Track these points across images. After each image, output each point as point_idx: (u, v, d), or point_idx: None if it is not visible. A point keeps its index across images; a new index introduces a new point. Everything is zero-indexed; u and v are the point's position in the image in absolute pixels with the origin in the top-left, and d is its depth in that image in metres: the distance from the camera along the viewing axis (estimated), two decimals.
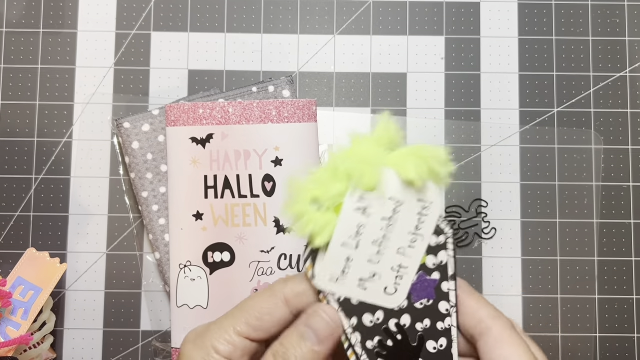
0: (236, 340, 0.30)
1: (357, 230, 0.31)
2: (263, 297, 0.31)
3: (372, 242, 0.31)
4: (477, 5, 0.52)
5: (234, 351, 0.30)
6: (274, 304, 0.31)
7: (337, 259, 0.31)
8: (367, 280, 0.32)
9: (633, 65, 0.52)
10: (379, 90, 0.51)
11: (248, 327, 0.30)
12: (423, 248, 0.32)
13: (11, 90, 0.51)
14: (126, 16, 0.52)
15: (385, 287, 0.32)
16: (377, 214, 0.31)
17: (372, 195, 0.30)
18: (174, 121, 0.48)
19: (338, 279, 0.31)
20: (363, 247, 0.31)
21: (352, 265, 0.31)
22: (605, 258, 0.50)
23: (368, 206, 0.31)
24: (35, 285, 0.45)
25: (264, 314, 0.31)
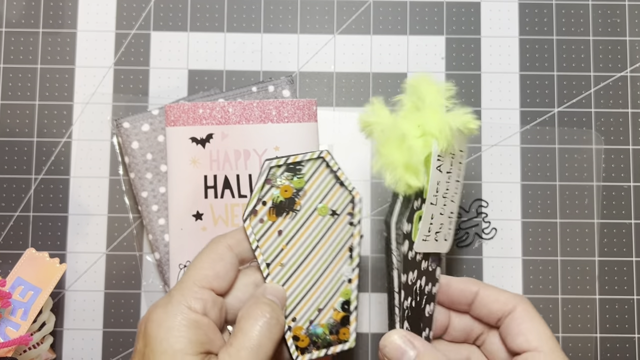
0: (204, 293, 0.32)
1: (437, 187, 0.34)
2: (209, 250, 0.34)
3: (442, 196, 0.35)
4: (477, 5, 0.52)
5: (206, 303, 0.32)
6: (221, 251, 0.34)
7: (426, 220, 0.34)
8: (440, 232, 0.35)
9: (633, 65, 0.51)
10: (379, 90, 0.51)
11: (208, 279, 0.33)
12: (460, 194, 0.36)
13: (11, 90, 0.51)
14: (126, 16, 0.52)
15: (445, 236, 0.36)
16: (445, 169, 0.35)
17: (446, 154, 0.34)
18: (174, 121, 0.47)
19: (425, 239, 0.34)
20: (439, 202, 0.35)
21: (434, 223, 0.35)
22: (605, 258, 0.50)
23: (442, 163, 0.34)
24: (35, 285, 0.45)
25: (216, 260, 0.34)
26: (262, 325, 0.32)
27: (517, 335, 0.33)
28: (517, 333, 0.33)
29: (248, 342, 0.31)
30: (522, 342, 0.33)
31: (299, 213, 0.37)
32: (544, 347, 0.32)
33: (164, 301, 0.32)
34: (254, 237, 0.36)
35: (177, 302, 0.32)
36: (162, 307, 0.32)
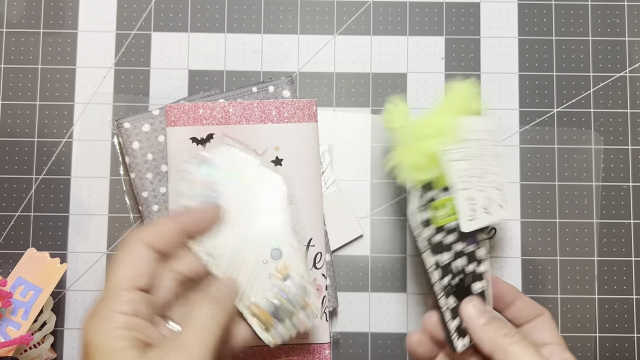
0: (130, 295, 0.33)
1: (465, 174, 0.39)
2: (127, 251, 0.34)
3: (478, 177, 0.39)
4: (477, 5, 0.52)
5: (134, 304, 0.32)
6: (139, 251, 0.34)
7: (466, 203, 0.39)
8: (488, 206, 0.40)
9: (633, 65, 0.52)
10: (379, 90, 0.51)
11: (131, 280, 0.33)
12: (503, 166, 0.41)
13: (11, 90, 0.51)
14: (126, 16, 0.52)
15: (499, 204, 0.40)
16: (471, 154, 0.39)
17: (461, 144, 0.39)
18: (174, 121, 0.48)
19: (473, 218, 0.39)
20: (474, 184, 0.39)
21: (476, 202, 0.39)
22: (605, 258, 0.50)
23: (463, 153, 0.39)
24: (36, 285, 0.45)
25: (135, 261, 0.34)
26: (205, 311, 0.33)
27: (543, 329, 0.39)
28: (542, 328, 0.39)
29: (192, 327, 0.32)
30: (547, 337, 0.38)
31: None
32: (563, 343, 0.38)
33: (94, 311, 0.33)
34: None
35: (105, 309, 0.32)
36: (92, 317, 0.32)
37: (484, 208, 0.39)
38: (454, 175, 0.39)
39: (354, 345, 0.49)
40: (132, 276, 0.33)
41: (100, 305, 0.32)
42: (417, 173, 0.39)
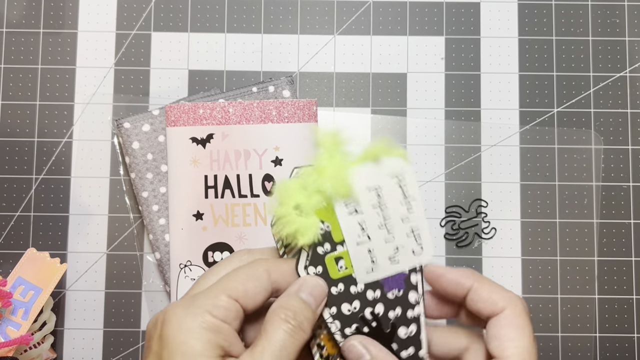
0: (228, 303, 0.31)
1: (360, 227, 0.35)
2: (247, 267, 0.33)
3: (379, 227, 0.36)
4: (477, 5, 0.52)
5: (228, 312, 0.31)
6: (258, 273, 0.33)
7: (362, 256, 0.35)
8: (395, 255, 0.36)
9: (633, 65, 0.52)
10: (379, 90, 0.51)
11: (237, 292, 0.32)
12: (421, 207, 0.36)
13: (11, 90, 0.51)
14: (126, 16, 0.52)
15: (412, 250, 0.36)
16: (367, 205, 0.35)
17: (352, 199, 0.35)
18: (174, 121, 0.48)
19: (373, 269, 0.35)
20: (374, 235, 0.36)
21: (376, 254, 0.36)
22: (605, 258, 0.50)
23: (356, 206, 0.35)
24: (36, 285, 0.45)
25: (250, 278, 0.32)
26: (286, 331, 0.31)
27: (494, 338, 0.31)
28: (493, 336, 0.31)
29: (270, 345, 0.31)
30: (495, 346, 0.31)
31: None
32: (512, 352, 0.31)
33: (185, 302, 0.31)
34: (281, 244, 0.35)
35: (199, 305, 0.31)
36: (182, 308, 0.31)
37: (388, 258, 0.35)
38: (345, 231, 0.35)
39: None
40: (239, 289, 0.32)
41: (194, 299, 0.31)
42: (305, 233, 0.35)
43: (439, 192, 0.50)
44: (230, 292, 0.32)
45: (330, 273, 0.35)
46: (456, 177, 0.51)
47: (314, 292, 0.34)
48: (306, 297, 0.33)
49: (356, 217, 0.36)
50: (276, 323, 0.31)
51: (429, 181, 0.50)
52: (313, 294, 0.34)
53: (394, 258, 0.36)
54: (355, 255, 0.36)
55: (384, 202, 0.36)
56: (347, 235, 0.36)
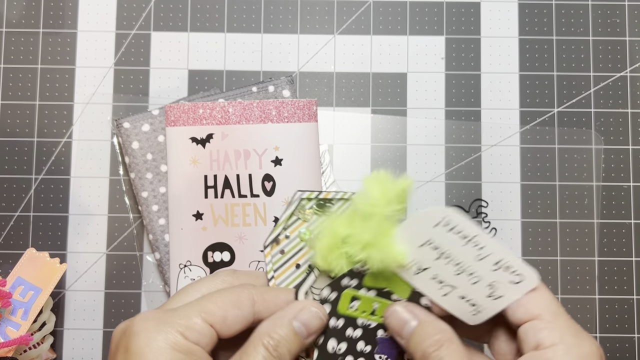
0: (204, 328, 0.30)
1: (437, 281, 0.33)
2: (231, 291, 0.31)
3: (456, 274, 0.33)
4: (477, 5, 0.52)
5: (201, 338, 0.30)
6: (242, 300, 0.31)
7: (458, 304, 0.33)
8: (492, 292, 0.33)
9: (633, 65, 0.51)
10: (379, 90, 0.51)
11: (215, 317, 0.30)
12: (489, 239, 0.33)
13: (11, 90, 0.51)
14: (126, 16, 0.52)
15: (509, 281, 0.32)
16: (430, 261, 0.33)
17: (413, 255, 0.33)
18: (174, 121, 0.48)
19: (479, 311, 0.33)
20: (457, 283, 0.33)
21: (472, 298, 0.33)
22: (605, 258, 0.50)
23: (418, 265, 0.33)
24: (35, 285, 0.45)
25: (232, 305, 0.31)
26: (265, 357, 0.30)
27: (517, 306, 0.31)
28: (517, 304, 0.31)
29: None
30: (523, 312, 0.31)
31: None
32: (544, 315, 0.30)
33: (157, 317, 0.30)
34: (271, 267, 0.35)
35: (172, 323, 0.29)
36: (153, 323, 0.29)
37: (487, 296, 0.33)
38: (424, 290, 0.34)
39: None
40: (217, 314, 0.30)
41: (168, 316, 0.30)
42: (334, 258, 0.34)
43: (439, 192, 0.50)
44: (207, 315, 0.30)
45: (339, 306, 0.34)
46: (456, 177, 0.50)
47: (310, 322, 0.32)
48: (298, 326, 0.31)
49: (426, 274, 0.33)
50: (257, 348, 0.30)
51: (429, 181, 0.50)
52: (308, 324, 0.32)
53: (494, 295, 0.33)
54: (449, 306, 0.33)
55: (445, 252, 0.33)
56: (427, 292, 0.34)
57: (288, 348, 0.30)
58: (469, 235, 0.33)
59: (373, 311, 0.34)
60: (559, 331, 0.29)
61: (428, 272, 0.33)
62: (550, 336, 0.29)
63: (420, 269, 0.33)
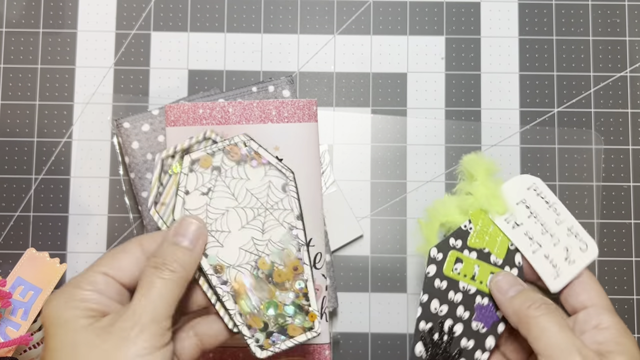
0: (103, 280, 0.32)
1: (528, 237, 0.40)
2: (120, 247, 0.34)
3: (542, 233, 0.40)
4: (477, 5, 0.52)
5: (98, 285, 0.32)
6: (130, 247, 0.34)
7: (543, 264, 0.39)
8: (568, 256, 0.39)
9: (633, 65, 0.51)
10: (379, 90, 0.51)
11: (111, 269, 0.32)
12: (565, 209, 0.40)
13: (11, 90, 0.51)
14: (126, 16, 0.52)
15: (579, 247, 0.40)
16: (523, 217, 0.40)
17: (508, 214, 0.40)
18: (174, 121, 0.48)
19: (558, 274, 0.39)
20: (542, 242, 0.40)
21: (553, 258, 0.39)
22: (605, 258, 0.50)
23: (514, 219, 0.40)
24: (35, 285, 0.45)
25: (120, 253, 0.33)
26: (161, 278, 0.32)
27: (578, 295, 0.38)
28: (577, 293, 0.38)
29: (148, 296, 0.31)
30: (583, 299, 0.37)
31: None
32: (601, 303, 0.37)
33: (58, 290, 0.32)
34: (162, 222, 0.36)
35: (68, 286, 0.31)
36: (53, 293, 0.32)
37: (565, 259, 0.39)
38: (517, 243, 0.40)
39: (354, 346, 0.49)
40: (109, 264, 0.32)
41: (67, 284, 0.32)
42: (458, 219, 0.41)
43: (439, 192, 0.50)
44: (103, 269, 0.32)
45: (445, 267, 0.39)
46: (456, 177, 0.50)
47: (186, 230, 0.34)
48: (181, 240, 0.34)
49: (520, 229, 0.40)
50: (148, 272, 0.32)
51: (429, 181, 0.50)
52: (188, 235, 0.34)
53: (569, 259, 0.39)
54: (537, 264, 0.39)
55: (534, 212, 0.40)
56: (521, 246, 0.40)
57: (178, 262, 0.33)
58: (550, 201, 0.40)
59: (473, 276, 0.39)
60: (615, 317, 0.36)
61: (522, 227, 0.40)
62: (610, 319, 0.36)
63: (516, 224, 0.40)
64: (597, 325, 0.35)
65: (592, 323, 0.36)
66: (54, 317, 0.30)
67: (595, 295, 0.37)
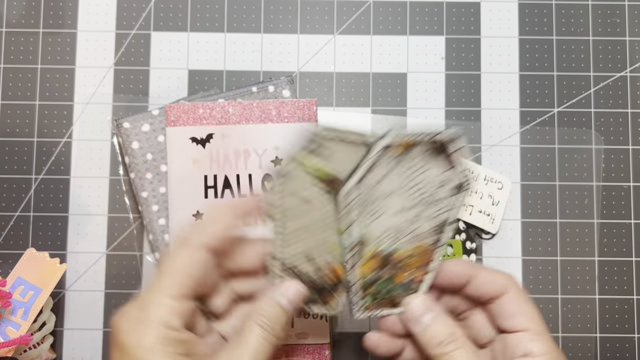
0: (182, 306, 0.31)
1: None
2: (181, 254, 0.33)
3: None
4: (477, 5, 0.52)
5: (184, 317, 0.32)
6: (195, 255, 0.33)
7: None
8: None
9: (633, 65, 0.51)
10: (379, 90, 0.51)
11: (184, 288, 0.32)
12: None
13: (11, 90, 0.51)
14: (126, 16, 0.52)
15: None
16: None
17: None
18: (174, 121, 0.48)
19: None
20: None
21: None
22: (605, 258, 0.50)
23: None
24: (35, 285, 0.45)
25: (189, 266, 0.32)
26: (261, 336, 0.33)
27: (509, 317, 0.35)
28: (508, 315, 0.35)
29: (247, 350, 0.32)
30: (514, 323, 0.35)
31: None
32: (533, 328, 0.34)
33: (138, 316, 0.31)
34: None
35: (152, 320, 0.30)
36: (136, 324, 0.30)
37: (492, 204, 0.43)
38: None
39: (354, 346, 0.49)
40: (185, 283, 0.31)
41: (147, 312, 0.30)
42: None
43: None
44: (177, 291, 0.31)
45: None
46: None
47: (295, 299, 0.35)
48: (286, 304, 0.35)
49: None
50: (254, 330, 0.33)
51: None
52: (293, 301, 0.35)
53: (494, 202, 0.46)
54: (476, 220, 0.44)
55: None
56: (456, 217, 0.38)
57: (280, 324, 0.34)
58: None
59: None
60: (547, 344, 0.34)
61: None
62: (541, 347, 0.34)
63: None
64: (527, 354, 0.34)
65: (522, 349, 0.34)
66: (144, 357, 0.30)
67: (528, 319, 0.34)
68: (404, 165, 0.36)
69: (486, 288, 0.36)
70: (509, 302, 0.35)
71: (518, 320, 0.35)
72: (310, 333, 0.47)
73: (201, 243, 0.33)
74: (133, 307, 0.31)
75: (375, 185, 0.36)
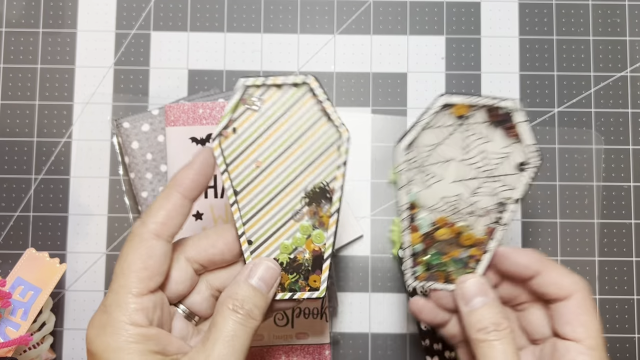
0: (142, 302, 0.31)
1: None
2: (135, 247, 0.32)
3: None
4: (477, 5, 0.52)
5: (147, 312, 0.31)
6: (149, 245, 0.31)
7: None
8: None
9: (633, 65, 0.51)
10: (379, 90, 0.51)
11: (142, 283, 0.31)
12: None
13: (11, 90, 0.51)
14: (126, 16, 0.52)
15: None
16: None
17: None
18: (174, 121, 0.47)
19: None
20: None
21: None
22: (605, 258, 0.50)
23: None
24: (35, 285, 0.45)
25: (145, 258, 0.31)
26: (235, 320, 0.31)
27: (566, 323, 0.34)
28: (566, 321, 0.34)
29: (221, 337, 0.31)
30: (569, 331, 0.34)
31: (276, 142, 0.34)
32: (587, 342, 0.33)
33: (102, 320, 0.30)
34: (223, 160, 0.34)
35: (116, 321, 0.30)
36: (100, 329, 0.30)
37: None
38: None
39: (354, 346, 0.49)
40: (142, 277, 0.31)
41: (109, 315, 0.30)
42: None
43: None
44: (136, 288, 0.31)
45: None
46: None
47: (265, 276, 0.33)
48: (257, 282, 0.33)
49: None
50: (225, 314, 0.31)
51: None
52: (264, 278, 0.33)
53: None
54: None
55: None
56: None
57: (254, 304, 0.32)
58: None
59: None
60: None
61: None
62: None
63: None
64: None
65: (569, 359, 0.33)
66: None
67: (585, 331, 0.33)
68: (464, 132, 0.34)
69: (551, 288, 0.34)
70: (571, 308, 0.34)
71: (574, 329, 0.33)
72: (310, 333, 0.47)
73: (149, 232, 0.32)
74: (97, 313, 0.31)
75: (434, 148, 0.35)
